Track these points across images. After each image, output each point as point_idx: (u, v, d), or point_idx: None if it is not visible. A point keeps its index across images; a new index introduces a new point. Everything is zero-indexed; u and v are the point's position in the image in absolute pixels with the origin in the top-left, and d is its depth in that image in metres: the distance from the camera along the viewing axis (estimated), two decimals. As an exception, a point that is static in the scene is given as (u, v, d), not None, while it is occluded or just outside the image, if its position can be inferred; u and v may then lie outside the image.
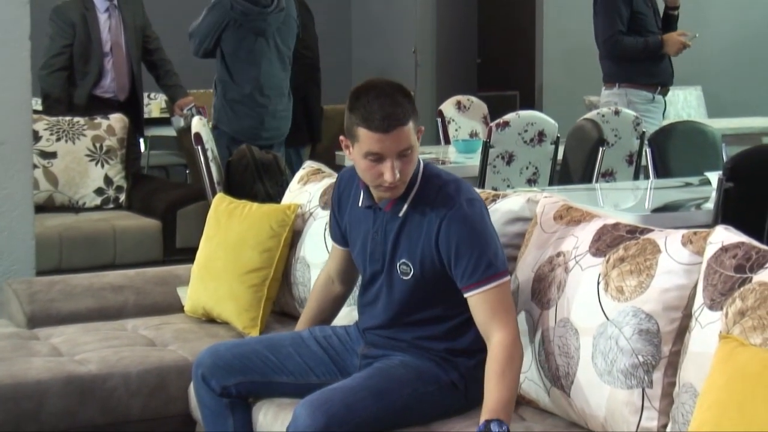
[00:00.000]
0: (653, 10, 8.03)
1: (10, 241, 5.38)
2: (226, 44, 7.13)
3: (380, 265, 3.67)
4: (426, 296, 3.63)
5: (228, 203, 4.80)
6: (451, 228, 3.51)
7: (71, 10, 7.72)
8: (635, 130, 7.39)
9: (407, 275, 3.60)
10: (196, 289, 4.71)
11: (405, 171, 3.52)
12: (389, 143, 3.47)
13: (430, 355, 3.64)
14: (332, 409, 3.37)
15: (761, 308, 2.92)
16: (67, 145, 7.13)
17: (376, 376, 3.57)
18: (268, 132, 7.26)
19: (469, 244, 3.49)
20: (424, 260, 3.57)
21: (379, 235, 3.66)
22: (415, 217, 3.59)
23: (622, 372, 3.28)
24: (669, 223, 5.16)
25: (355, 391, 3.47)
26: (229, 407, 3.80)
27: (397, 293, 3.65)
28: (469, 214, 3.52)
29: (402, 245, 3.61)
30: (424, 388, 3.54)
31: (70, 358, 4.28)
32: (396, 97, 3.50)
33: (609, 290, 3.37)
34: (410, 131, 3.50)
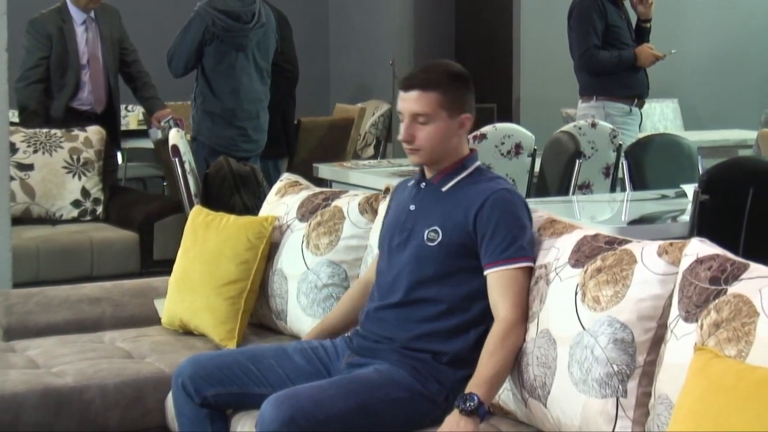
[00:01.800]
0: (627, 22, 8.06)
1: (-14, 253, 5.38)
2: (206, 59, 7.13)
3: (407, 234, 3.75)
4: (442, 269, 3.67)
5: (205, 215, 4.80)
6: (496, 206, 3.63)
7: (48, 22, 7.71)
8: (612, 142, 7.41)
9: (434, 242, 3.67)
10: (173, 301, 4.70)
11: (420, 137, 3.69)
12: (406, 103, 3.70)
13: (415, 362, 3.64)
14: (298, 403, 3.39)
15: (736, 320, 2.94)
16: (44, 157, 7.12)
17: (348, 379, 3.60)
18: (247, 144, 7.26)
19: (507, 224, 3.61)
20: (455, 230, 3.65)
21: (417, 207, 3.76)
22: (458, 194, 3.71)
23: (597, 381, 3.30)
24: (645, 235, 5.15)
25: (324, 389, 3.50)
26: (209, 417, 3.80)
27: (419, 260, 3.70)
28: (514, 201, 3.68)
29: (436, 214, 3.71)
30: (396, 394, 3.55)
31: (47, 370, 4.27)
32: (433, 69, 3.75)
33: (586, 300, 3.38)
34: (430, 100, 3.67)
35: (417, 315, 3.69)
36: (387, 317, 3.75)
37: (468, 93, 3.77)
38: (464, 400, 3.37)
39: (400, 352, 3.67)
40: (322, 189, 4.85)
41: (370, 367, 3.65)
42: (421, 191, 3.80)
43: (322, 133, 9.30)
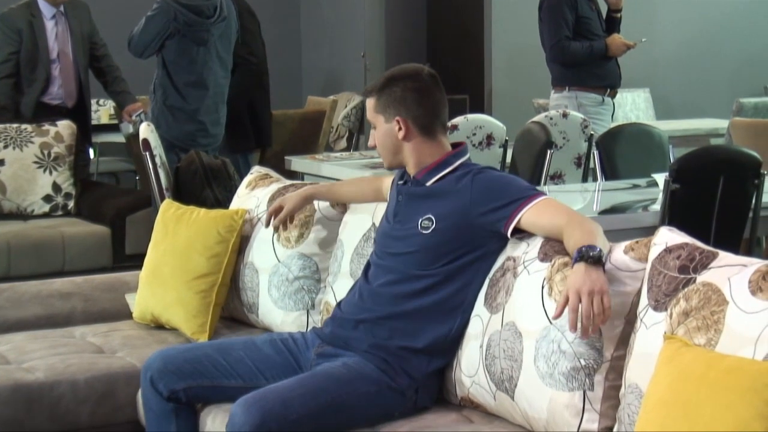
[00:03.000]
0: (597, 13, 8.08)
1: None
2: (167, 52, 7.11)
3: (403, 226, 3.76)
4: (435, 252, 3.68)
5: (176, 209, 4.79)
6: (482, 178, 3.67)
7: (17, 17, 7.70)
8: (583, 132, 7.43)
9: (428, 229, 3.68)
10: (144, 295, 4.69)
11: (376, 142, 3.83)
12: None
13: (383, 354, 3.64)
14: (267, 406, 3.39)
15: (705, 309, 2.95)
16: (14, 152, 7.10)
17: (316, 376, 3.60)
18: (205, 139, 7.24)
19: (500, 183, 3.66)
20: (447, 216, 3.66)
21: (406, 200, 3.80)
22: (444, 187, 3.73)
23: (564, 375, 3.30)
24: (617, 224, 5.20)
25: (292, 389, 3.49)
26: (174, 412, 3.79)
27: (414, 246, 3.70)
28: (492, 170, 3.78)
29: (427, 205, 3.72)
30: (364, 388, 3.55)
31: (17, 365, 4.26)
32: (378, 79, 3.84)
33: (553, 294, 3.39)
34: (370, 106, 3.81)
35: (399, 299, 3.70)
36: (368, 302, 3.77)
37: (405, 95, 3.73)
38: (586, 251, 3.23)
39: (371, 342, 3.68)
40: (292, 182, 4.84)
41: (339, 361, 3.66)
42: (408, 189, 3.82)
43: (294, 126, 9.29)
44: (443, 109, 3.84)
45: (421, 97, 3.75)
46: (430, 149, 3.76)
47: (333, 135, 9.87)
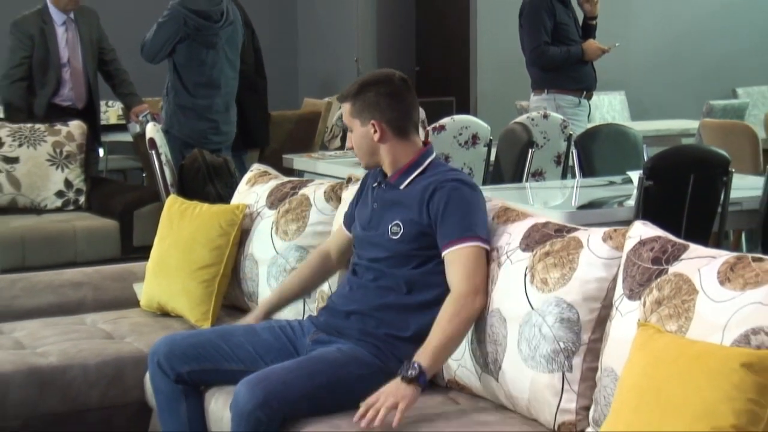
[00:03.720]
0: (574, 20, 8.08)
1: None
2: (177, 56, 7.10)
3: (374, 231, 3.77)
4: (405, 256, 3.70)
5: (180, 204, 4.79)
6: (443, 192, 3.64)
7: (30, 24, 7.69)
8: (563, 132, 7.43)
9: (396, 235, 3.69)
10: (150, 285, 4.69)
11: (353, 144, 3.84)
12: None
13: (373, 340, 3.65)
14: (270, 386, 3.41)
15: (676, 297, 2.95)
16: (29, 150, 7.09)
17: (313, 359, 3.61)
18: (218, 137, 7.25)
19: (455, 207, 3.62)
20: (413, 221, 3.67)
21: (380, 204, 3.79)
22: (414, 189, 3.72)
23: (544, 357, 3.32)
24: (594, 219, 5.20)
25: (292, 370, 3.51)
26: (183, 393, 3.79)
27: (385, 251, 3.72)
28: (462, 187, 3.68)
29: (395, 210, 3.73)
30: (358, 371, 3.56)
31: (32, 350, 4.26)
32: (352, 84, 3.82)
33: (534, 282, 3.40)
34: (347, 111, 3.82)
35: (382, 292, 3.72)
36: (357, 295, 3.78)
37: (378, 99, 3.75)
38: (407, 368, 3.36)
39: (362, 329, 3.69)
40: (290, 178, 4.84)
41: (333, 346, 3.67)
42: (381, 190, 3.83)
43: (291, 126, 9.29)
44: (415, 110, 3.88)
45: (394, 100, 3.77)
46: (404, 149, 3.79)
47: (328, 134, 9.85)
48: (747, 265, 2.89)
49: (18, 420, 4.05)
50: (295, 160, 7.67)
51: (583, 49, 7.96)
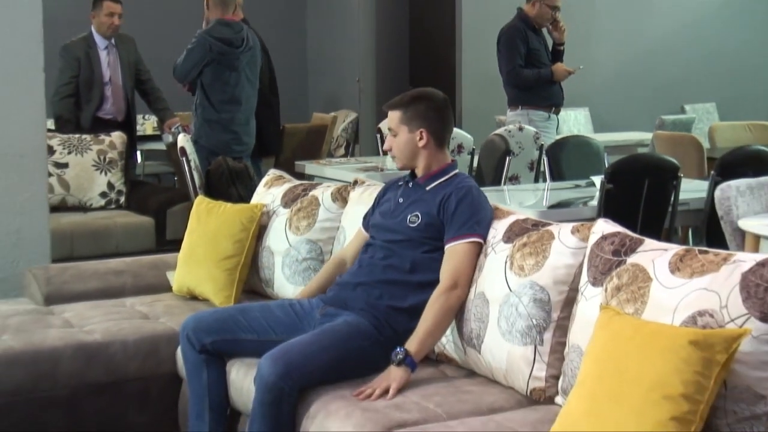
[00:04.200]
0: (544, 46, 8.06)
1: (30, 235, 5.35)
2: (204, 76, 7.08)
3: (396, 219, 3.81)
4: (415, 241, 3.73)
5: (207, 203, 4.80)
6: (456, 196, 3.70)
7: (77, 48, 7.69)
8: (535, 142, 7.42)
9: (414, 224, 3.74)
10: (181, 272, 4.69)
11: (393, 147, 3.85)
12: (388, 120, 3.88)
13: (374, 311, 3.67)
14: (290, 359, 3.42)
15: (633, 284, 2.96)
16: (76, 157, 7.09)
17: (326, 333, 3.61)
18: (240, 146, 7.23)
19: (460, 209, 3.67)
20: (430, 215, 3.72)
21: (406, 199, 3.84)
22: (436, 191, 3.78)
23: (520, 332, 3.34)
24: (562, 217, 5.20)
25: (310, 344, 3.52)
26: (205, 363, 3.80)
27: (402, 234, 3.76)
28: (467, 192, 3.73)
29: (417, 205, 3.78)
30: (359, 342, 3.58)
31: (79, 329, 4.27)
32: (403, 95, 3.88)
33: (513, 268, 3.42)
34: (396, 118, 3.82)
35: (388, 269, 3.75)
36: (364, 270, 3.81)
37: (427, 113, 3.82)
38: (396, 354, 3.45)
39: (366, 299, 3.71)
40: (301, 182, 4.85)
41: (339, 319, 3.68)
42: (409, 188, 3.88)
43: (302, 137, 9.29)
44: (452, 126, 3.97)
45: (440, 114, 3.85)
46: (437, 158, 3.84)
47: (334, 144, 9.87)
48: (694, 257, 2.90)
49: (67, 389, 4.05)
50: (306, 166, 7.67)
51: (552, 71, 7.95)
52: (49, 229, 5.49)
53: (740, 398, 2.68)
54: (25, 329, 4.23)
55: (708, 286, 2.77)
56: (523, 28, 7.93)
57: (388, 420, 3.18)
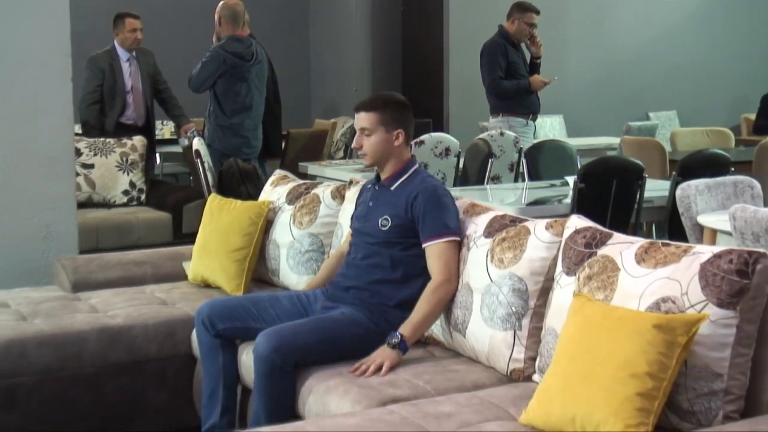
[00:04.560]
0: (522, 59, 8.06)
1: (59, 229, 5.35)
2: (218, 87, 7.08)
3: (369, 222, 3.76)
4: (391, 242, 3.69)
5: (219, 201, 4.79)
6: (425, 198, 3.64)
7: (101, 59, 7.68)
8: (515, 146, 7.42)
9: (385, 227, 3.69)
10: (196, 263, 4.69)
11: (364, 146, 3.74)
12: (357, 121, 3.76)
13: (368, 306, 3.65)
14: (282, 334, 3.44)
15: (603, 274, 2.97)
16: (101, 158, 7.08)
17: (320, 318, 3.62)
18: (249, 149, 7.23)
19: (430, 210, 3.61)
20: (398, 217, 3.67)
21: (375, 203, 3.78)
22: (401, 191, 3.72)
23: (500, 319, 3.33)
24: (539, 213, 5.22)
25: (301, 325, 3.54)
26: (220, 346, 3.80)
27: (375, 238, 3.72)
28: (434, 192, 3.67)
29: (386, 207, 3.73)
30: (355, 330, 3.57)
31: (104, 313, 4.27)
32: (375, 98, 3.79)
33: (494, 261, 3.41)
34: (370, 119, 3.71)
35: (372, 269, 3.72)
36: (351, 272, 3.77)
37: (401, 114, 3.77)
38: (391, 337, 3.44)
39: (359, 298, 3.69)
40: (304, 181, 4.84)
41: (338, 311, 3.68)
42: (376, 191, 3.83)
43: (305, 141, 9.28)
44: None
45: (411, 117, 3.81)
46: (403, 155, 3.79)
47: (333, 147, 9.85)
48: (657, 249, 2.90)
49: (93, 367, 4.05)
50: (309, 166, 7.67)
51: (529, 82, 7.94)
52: (76, 224, 5.48)
53: (699, 376, 2.68)
54: (54, 314, 4.22)
55: (670, 276, 2.78)
56: (503, 43, 7.93)
57: (382, 395, 3.18)
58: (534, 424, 2.83)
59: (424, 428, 2.84)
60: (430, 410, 2.96)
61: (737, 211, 4.15)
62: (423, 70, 11.11)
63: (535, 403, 2.84)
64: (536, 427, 2.82)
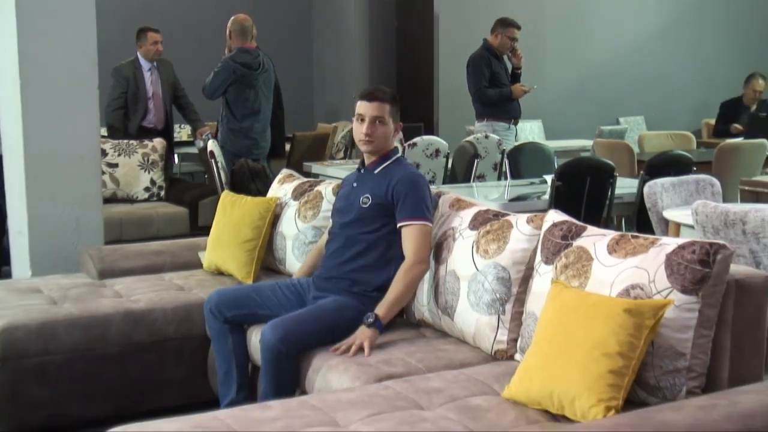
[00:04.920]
0: (505, 70, 8.06)
1: (87, 222, 5.33)
2: (229, 94, 7.08)
3: (351, 201, 3.75)
4: (368, 219, 3.68)
5: (231, 197, 4.78)
6: (405, 183, 3.63)
7: (125, 69, 7.68)
8: (498, 148, 7.42)
9: (366, 204, 3.68)
10: (210, 253, 4.68)
11: (375, 133, 3.70)
12: (369, 109, 3.67)
13: (357, 292, 3.65)
14: (287, 325, 3.43)
15: (578, 263, 2.96)
16: (125, 158, 7.07)
17: (318, 308, 3.61)
18: (257, 150, 7.22)
19: (411, 195, 3.61)
20: (379, 197, 3.66)
21: (359, 184, 3.76)
22: (384, 174, 3.71)
23: (486, 304, 3.33)
24: (520, 208, 5.21)
25: (303, 315, 3.53)
26: (230, 330, 3.80)
27: (356, 215, 3.71)
28: (416, 180, 3.67)
29: (368, 188, 3.71)
30: (348, 314, 3.56)
31: (127, 298, 4.26)
32: (386, 91, 3.73)
33: (479, 251, 3.40)
34: (384, 109, 3.69)
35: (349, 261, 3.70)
36: (331, 263, 3.77)
37: (399, 110, 3.78)
38: (368, 317, 3.44)
39: (342, 287, 3.69)
40: (308, 179, 4.83)
41: (330, 298, 3.67)
42: (361, 174, 3.82)
43: (309, 143, 9.27)
44: None
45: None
46: (391, 144, 3.81)
47: (335, 148, 9.84)
48: (627, 241, 2.90)
49: (117, 347, 4.04)
50: (312, 166, 7.67)
51: (511, 90, 7.95)
52: (102, 218, 5.46)
53: (665, 355, 2.68)
54: (83, 299, 4.22)
55: (639, 265, 2.77)
56: (487, 55, 7.93)
57: (378, 372, 3.18)
58: (516, 398, 2.82)
59: (416, 402, 2.85)
60: (421, 386, 2.96)
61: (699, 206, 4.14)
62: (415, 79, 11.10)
63: (516, 380, 2.84)
64: (518, 402, 2.82)
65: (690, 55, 11.92)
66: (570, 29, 11.24)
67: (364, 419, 2.70)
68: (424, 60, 10.82)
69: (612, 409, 2.56)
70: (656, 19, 11.75)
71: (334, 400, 2.84)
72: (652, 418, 2.32)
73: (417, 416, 2.71)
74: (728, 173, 7.14)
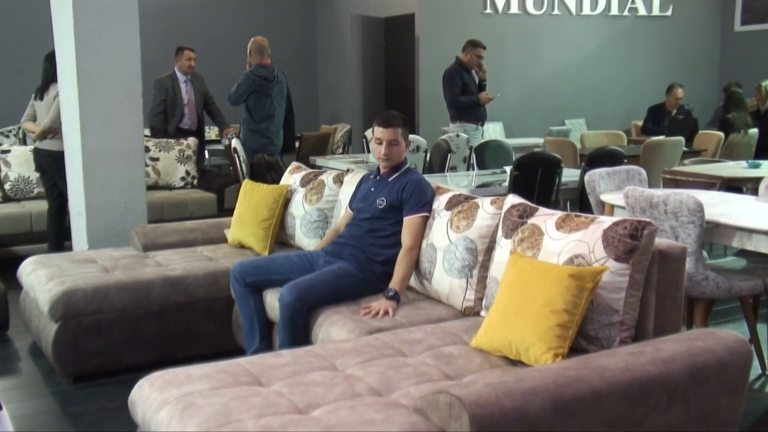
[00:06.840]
0: (473, 81, 8.05)
1: (133, 205, 5.30)
2: (249, 102, 7.05)
3: (368, 203, 3.75)
4: (383, 217, 3.68)
5: (251, 185, 4.74)
6: (410, 185, 3.64)
7: (165, 81, 7.62)
8: (467, 145, 7.40)
9: (381, 206, 3.68)
10: (234, 230, 4.65)
11: (391, 153, 3.70)
12: (386, 134, 3.67)
13: (359, 261, 3.64)
14: (300, 287, 3.42)
15: (531, 238, 2.94)
16: (164, 154, 7.04)
17: (326, 272, 3.59)
18: (272, 147, 7.18)
19: (414, 195, 3.60)
20: (392, 199, 3.66)
21: (375, 189, 3.76)
22: (396, 182, 3.70)
23: (457, 270, 3.31)
24: (485, 193, 5.20)
25: (314, 278, 3.50)
26: (251, 293, 3.77)
27: (373, 214, 3.70)
28: (420, 183, 3.66)
29: (383, 192, 3.71)
30: (351, 278, 3.56)
31: (166, 267, 4.24)
32: (397, 117, 3.70)
33: (452, 227, 3.38)
34: (398, 133, 3.68)
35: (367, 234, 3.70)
36: (354, 232, 3.76)
37: (407, 128, 3.75)
38: (388, 291, 3.41)
39: (353, 254, 3.68)
40: (313, 170, 4.80)
41: (336, 265, 3.66)
42: (377, 181, 3.81)
43: (314, 141, 9.24)
44: None
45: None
46: (403, 157, 3.78)
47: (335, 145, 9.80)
48: (571, 219, 2.88)
49: (158, 306, 4.02)
50: (317, 159, 7.63)
51: (478, 97, 7.93)
52: (146, 201, 5.43)
53: (602, 312, 2.67)
54: (130, 267, 4.20)
55: (581, 238, 2.76)
56: (459, 69, 7.91)
57: (369, 327, 3.18)
58: (481, 347, 2.82)
59: (401, 350, 2.84)
60: (405, 337, 2.95)
61: (629, 191, 4.13)
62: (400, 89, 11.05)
63: (481, 332, 2.83)
64: (483, 350, 2.81)
65: (622, 69, 11.89)
66: (525, 48, 11.19)
67: (358, 364, 2.69)
68: (407, 73, 10.77)
69: (559, 356, 2.55)
70: (595, 40, 11.71)
71: (333, 349, 2.83)
72: (591, 363, 2.32)
73: (401, 362, 2.71)
74: (653, 164, 7.13)
